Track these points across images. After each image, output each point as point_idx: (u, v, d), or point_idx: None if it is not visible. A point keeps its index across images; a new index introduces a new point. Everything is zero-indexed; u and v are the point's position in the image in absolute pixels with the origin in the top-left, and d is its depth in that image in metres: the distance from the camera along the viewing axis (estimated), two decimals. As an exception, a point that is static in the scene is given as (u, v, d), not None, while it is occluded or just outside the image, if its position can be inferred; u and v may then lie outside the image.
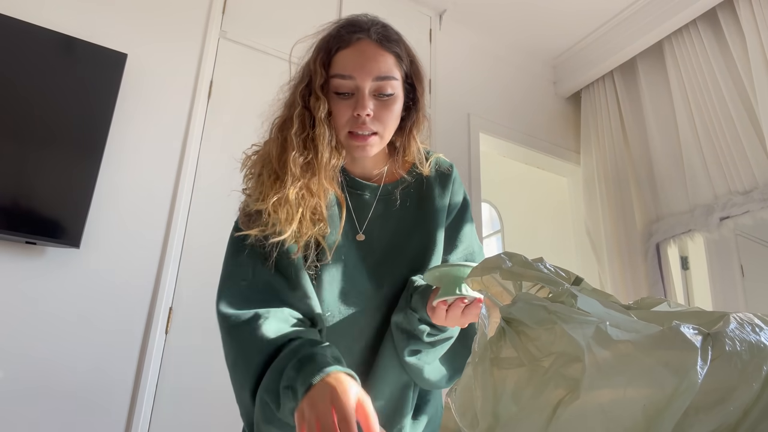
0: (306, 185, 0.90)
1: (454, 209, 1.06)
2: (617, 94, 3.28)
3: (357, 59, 0.93)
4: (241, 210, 0.97)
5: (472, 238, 1.08)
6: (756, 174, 2.49)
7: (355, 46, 0.94)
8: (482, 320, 0.51)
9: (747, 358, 0.39)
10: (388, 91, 0.93)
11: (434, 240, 1.00)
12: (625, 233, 3.02)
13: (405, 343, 0.91)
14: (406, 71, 0.99)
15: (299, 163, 0.91)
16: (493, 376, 0.42)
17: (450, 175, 1.07)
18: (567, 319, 0.41)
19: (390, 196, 1.02)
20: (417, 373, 0.93)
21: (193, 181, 2.14)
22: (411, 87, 1.01)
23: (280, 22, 2.54)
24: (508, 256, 0.53)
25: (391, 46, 0.96)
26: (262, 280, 0.91)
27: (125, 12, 2.19)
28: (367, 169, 1.04)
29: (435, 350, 0.93)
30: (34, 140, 1.81)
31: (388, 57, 0.94)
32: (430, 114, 2.86)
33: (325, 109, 0.93)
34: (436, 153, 1.10)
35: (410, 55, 1.00)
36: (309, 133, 0.94)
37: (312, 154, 0.92)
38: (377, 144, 0.96)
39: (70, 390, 1.74)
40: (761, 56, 2.50)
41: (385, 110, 0.94)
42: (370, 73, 0.92)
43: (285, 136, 0.94)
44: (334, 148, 0.95)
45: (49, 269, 1.80)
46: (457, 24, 3.18)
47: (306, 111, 0.95)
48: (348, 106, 0.93)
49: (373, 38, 0.94)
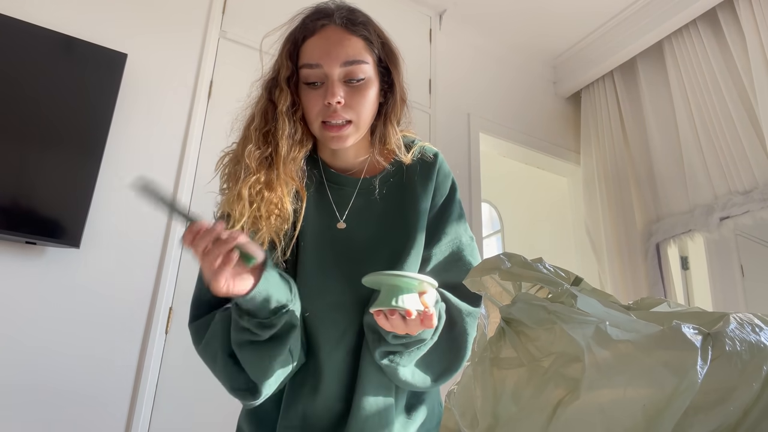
0: (263, 180, 0.88)
1: (439, 200, 0.99)
2: (617, 94, 3.28)
3: (322, 46, 0.90)
4: (214, 214, 0.97)
5: (459, 229, 0.99)
6: (756, 174, 2.49)
7: (320, 33, 0.91)
8: (482, 320, 0.50)
9: (747, 358, 0.39)
10: (359, 75, 0.90)
11: (413, 235, 0.94)
12: (625, 233, 3.02)
13: (376, 344, 0.87)
14: (378, 54, 0.95)
15: (255, 157, 0.88)
16: (492, 376, 0.42)
17: (434, 165, 1.00)
18: (567, 319, 0.41)
19: (370, 189, 0.97)
20: (392, 376, 0.89)
21: (193, 181, 2.14)
22: (386, 71, 0.97)
23: (280, 22, 2.54)
24: (507, 257, 0.53)
25: (358, 29, 0.92)
26: None
27: (125, 12, 2.19)
28: (348, 161, 1.00)
29: (410, 353, 0.87)
30: (34, 140, 1.81)
31: (356, 40, 0.91)
32: (430, 114, 2.88)
33: (287, 101, 0.91)
34: (421, 141, 1.04)
35: (381, 37, 0.96)
36: (270, 126, 0.91)
37: (271, 148, 0.90)
38: (353, 133, 0.92)
39: (70, 390, 1.74)
40: (761, 56, 2.50)
41: (358, 96, 0.90)
42: (337, 59, 0.89)
43: (247, 133, 0.92)
44: (297, 142, 0.92)
45: (49, 269, 1.80)
46: (457, 24, 3.18)
47: (270, 104, 0.93)
48: (319, 96, 0.90)
49: (338, 23, 0.91)
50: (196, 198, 2.13)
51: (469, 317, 0.91)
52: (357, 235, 0.94)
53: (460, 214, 1.02)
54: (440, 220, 0.98)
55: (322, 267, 0.92)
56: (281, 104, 0.90)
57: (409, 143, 1.02)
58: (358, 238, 0.94)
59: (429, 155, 1.02)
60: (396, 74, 0.97)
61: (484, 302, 0.54)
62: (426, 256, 0.95)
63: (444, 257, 0.96)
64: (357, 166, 1.00)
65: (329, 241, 0.94)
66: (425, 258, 0.95)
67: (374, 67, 0.93)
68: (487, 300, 0.53)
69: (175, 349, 1.93)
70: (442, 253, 0.96)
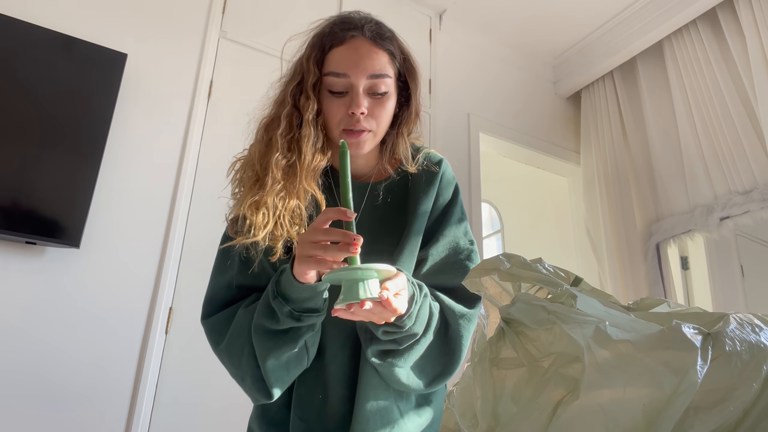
0: (286, 188, 0.89)
1: (441, 204, 1.02)
2: (617, 94, 3.28)
3: (351, 57, 0.92)
4: (226, 217, 0.97)
5: (458, 233, 1.01)
6: (756, 174, 2.49)
7: (350, 44, 0.93)
8: (481, 320, 0.50)
9: (747, 358, 0.39)
10: (382, 89, 0.93)
11: (407, 236, 0.95)
12: (625, 233, 3.02)
13: (368, 343, 0.88)
14: (399, 69, 0.98)
15: (281, 166, 0.90)
16: (492, 376, 0.42)
17: (437, 173, 1.03)
18: (566, 319, 0.41)
19: (375, 194, 1.00)
20: (388, 377, 0.88)
21: (193, 181, 2.14)
22: (404, 84, 1.00)
23: (280, 22, 2.54)
24: (506, 258, 0.53)
25: (385, 43, 0.95)
26: (243, 287, 0.93)
27: (125, 12, 2.19)
28: (359, 167, 1.03)
29: (406, 353, 0.87)
30: (34, 140, 1.81)
31: (382, 55, 0.94)
32: (431, 114, 2.87)
33: (314, 110, 0.93)
34: (427, 148, 1.07)
35: (403, 53, 0.99)
36: (295, 134, 0.93)
37: (295, 156, 0.91)
38: (370, 141, 0.95)
39: (70, 390, 1.74)
40: (761, 56, 2.50)
41: (379, 108, 0.93)
42: (365, 71, 0.91)
43: (270, 137, 0.93)
44: (319, 150, 0.94)
45: (49, 269, 1.80)
46: (457, 24, 3.18)
47: (295, 110, 0.94)
48: (342, 105, 0.92)
49: (367, 36, 0.93)
50: (196, 198, 2.13)
51: (462, 319, 0.92)
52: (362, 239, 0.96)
53: (461, 218, 1.03)
54: (439, 223, 1.00)
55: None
56: (308, 113, 0.92)
57: (415, 151, 1.05)
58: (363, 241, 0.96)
59: (433, 162, 1.04)
60: (414, 89, 1.00)
61: (483, 302, 0.54)
62: (422, 257, 0.97)
63: (440, 258, 0.97)
64: (365, 173, 1.03)
65: None
66: (421, 259, 0.96)
67: (395, 81, 0.96)
68: (486, 300, 0.53)
69: (175, 349, 1.93)
70: (439, 254, 0.97)
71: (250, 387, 0.89)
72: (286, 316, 0.82)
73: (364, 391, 0.89)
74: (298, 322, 0.83)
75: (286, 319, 0.83)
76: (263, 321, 0.85)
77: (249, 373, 0.88)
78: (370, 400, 0.89)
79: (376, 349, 0.87)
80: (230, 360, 0.91)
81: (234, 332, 0.90)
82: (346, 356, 0.92)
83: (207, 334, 0.94)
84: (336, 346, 0.93)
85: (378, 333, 0.84)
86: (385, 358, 0.87)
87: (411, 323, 0.83)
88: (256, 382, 0.88)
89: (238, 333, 0.89)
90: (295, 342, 0.85)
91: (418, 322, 0.85)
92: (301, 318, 0.83)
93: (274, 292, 0.84)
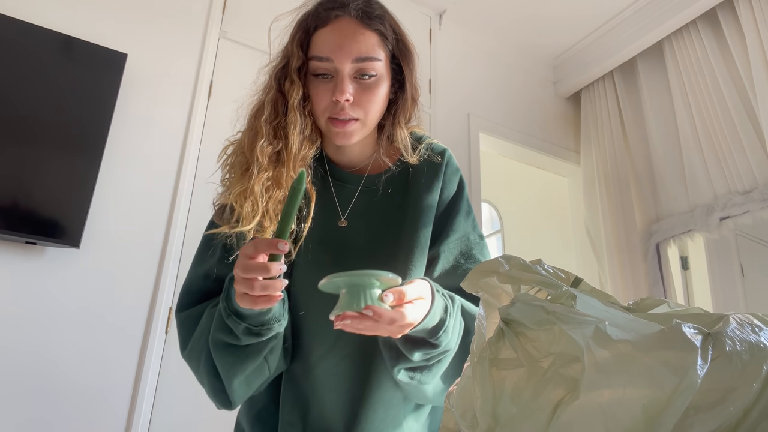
0: (273, 176, 0.83)
1: (447, 197, 0.95)
2: (617, 94, 3.28)
3: (334, 39, 0.84)
4: (213, 203, 0.92)
5: (467, 227, 0.95)
6: (756, 174, 2.49)
7: (333, 25, 0.85)
8: (480, 321, 0.50)
9: (747, 358, 0.39)
10: (371, 72, 0.84)
11: (417, 232, 0.89)
12: (625, 233, 3.02)
13: (395, 361, 0.80)
14: (391, 50, 0.89)
15: (267, 153, 0.84)
16: (492, 376, 0.42)
17: (440, 164, 0.96)
18: (566, 319, 0.41)
19: (373, 188, 0.93)
20: (414, 393, 0.83)
21: (193, 181, 2.14)
22: (398, 67, 0.91)
23: (280, 22, 2.54)
24: (505, 260, 0.53)
25: (374, 23, 0.86)
26: (221, 279, 0.85)
27: (125, 12, 2.19)
28: (354, 157, 0.95)
29: (432, 369, 0.80)
30: (34, 140, 1.81)
31: (370, 35, 0.85)
32: (430, 114, 2.87)
33: (299, 94, 0.86)
34: (429, 138, 0.99)
35: (396, 32, 0.91)
36: (281, 120, 0.86)
37: (282, 144, 0.85)
38: (358, 131, 0.87)
39: (70, 390, 1.74)
40: (761, 56, 2.50)
41: (367, 94, 0.85)
42: (349, 54, 0.83)
43: (256, 124, 0.87)
44: (307, 138, 0.87)
45: (49, 269, 1.80)
46: (457, 24, 3.18)
47: (280, 95, 0.88)
48: (327, 90, 0.84)
49: (352, 15, 0.85)
50: (195, 198, 2.13)
51: None
52: (358, 234, 0.90)
53: (468, 211, 0.97)
54: (448, 216, 0.94)
55: (321, 265, 0.87)
56: (292, 97, 0.85)
57: (416, 141, 0.98)
58: (359, 236, 0.90)
59: (436, 153, 0.97)
60: (408, 72, 0.91)
61: (482, 303, 0.53)
62: (434, 254, 0.91)
63: (453, 257, 0.92)
64: (362, 163, 0.96)
65: (329, 238, 0.90)
66: (433, 256, 0.91)
67: (386, 64, 0.88)
68: (485, 301, 0.53)
69: (175, 348, 1.93)
70: (451, 252, 0.92)
71: (209, 394, 0.85)
72: (244, 334, 0.76)
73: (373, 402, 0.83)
74: (258, 337, 0.77)
75: (245, 336, 0.77)
76: (221, 336, 0.79)
77: (207, 381, 0.84)
78: (378, 409, 0.83)
79: (402, 367, 0.80)
80: (190, 363, 0.86)
81: (196, 335, 0.84)
82: (335, 358, 0.85)
83: (177, 329, 0.88)
84: (323, 348, 0.86)
85: (412, 356, 0.77)
86: (413, 376, 0.81)
87: (447, 339, 0.77)
88: (217, 394, 0.84)
89: (199, 336, 0.84)
90: (258, 354, 0.80)
91: (453, 338, 0.79)
92: (261, 333, 0.77)
93: (227, 310, 0.77)
